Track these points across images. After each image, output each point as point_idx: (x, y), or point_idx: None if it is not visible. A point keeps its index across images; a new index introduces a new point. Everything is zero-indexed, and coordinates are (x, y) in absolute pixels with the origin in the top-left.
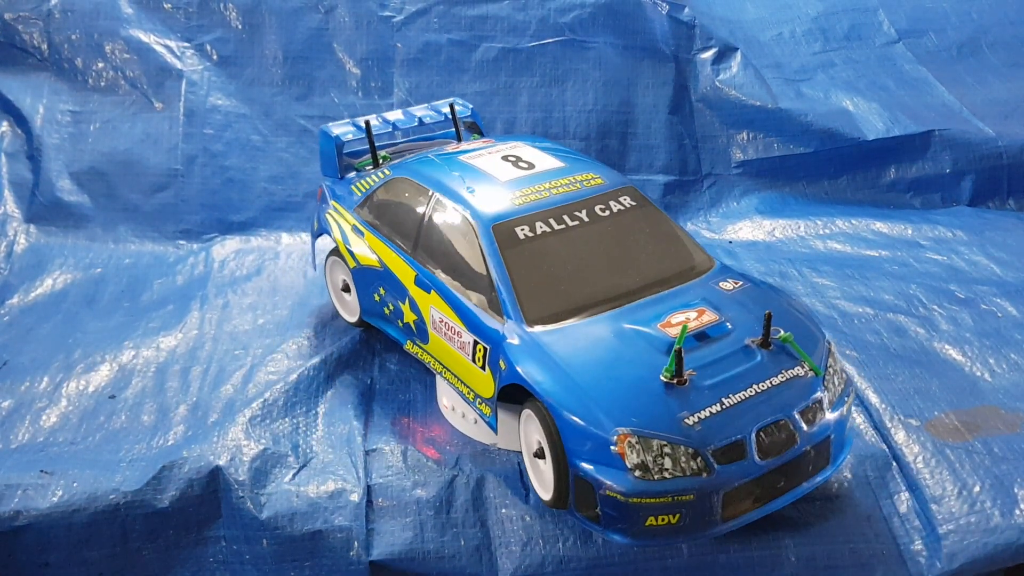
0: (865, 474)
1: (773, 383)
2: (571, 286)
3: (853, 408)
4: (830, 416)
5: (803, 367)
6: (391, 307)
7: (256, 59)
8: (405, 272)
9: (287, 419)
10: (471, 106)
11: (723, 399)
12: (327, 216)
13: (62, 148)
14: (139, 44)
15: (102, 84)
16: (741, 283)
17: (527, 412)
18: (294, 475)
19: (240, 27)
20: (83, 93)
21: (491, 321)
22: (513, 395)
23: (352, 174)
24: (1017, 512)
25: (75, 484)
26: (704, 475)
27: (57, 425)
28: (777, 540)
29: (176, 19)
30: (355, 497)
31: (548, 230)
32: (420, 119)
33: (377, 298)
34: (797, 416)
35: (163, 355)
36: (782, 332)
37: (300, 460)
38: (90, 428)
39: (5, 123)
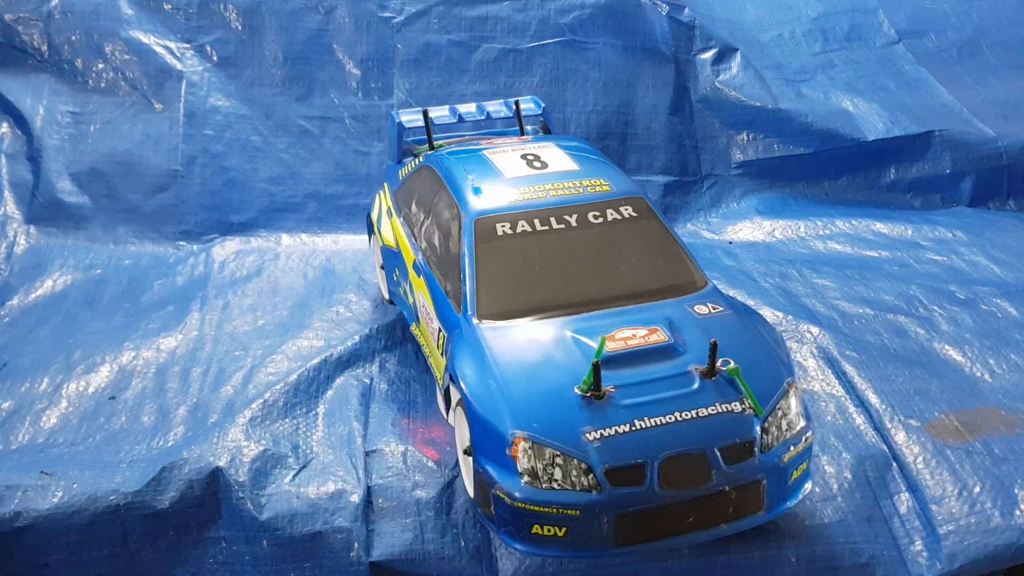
0: (865, 475)
1: (700, 414)
2: (532, 287)
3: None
4: (762, 460)
5: (744, 403)
6: (403, 288)
7: (256, 60)
8: (409, 256)
9: (287, 420)
10: (543, 105)
11: (636, 420)
12: (376, 196)
13: (62, 149)
14: (139, 45)
15: (102, 85)
16: (721, 309)
17: (458, 409)
18: (294, 476)
19: (240, 28)
20: (83, 94)
21: (453, 311)
22: None
23: (409, 159)
24: (1017, 513)
25: (75, 485)
26: (593, 493)
27: (57, 426)
28: (777, 541)
29: (176, 20)
30: (355, 498)
31: (529, 230)
32: (489, 113)
33: (395, 278)
34: (717, 452)
35: (163, 356)
36: (732, 364)
37: (300, 461)
38: (90, 429)
39: (5, 124)
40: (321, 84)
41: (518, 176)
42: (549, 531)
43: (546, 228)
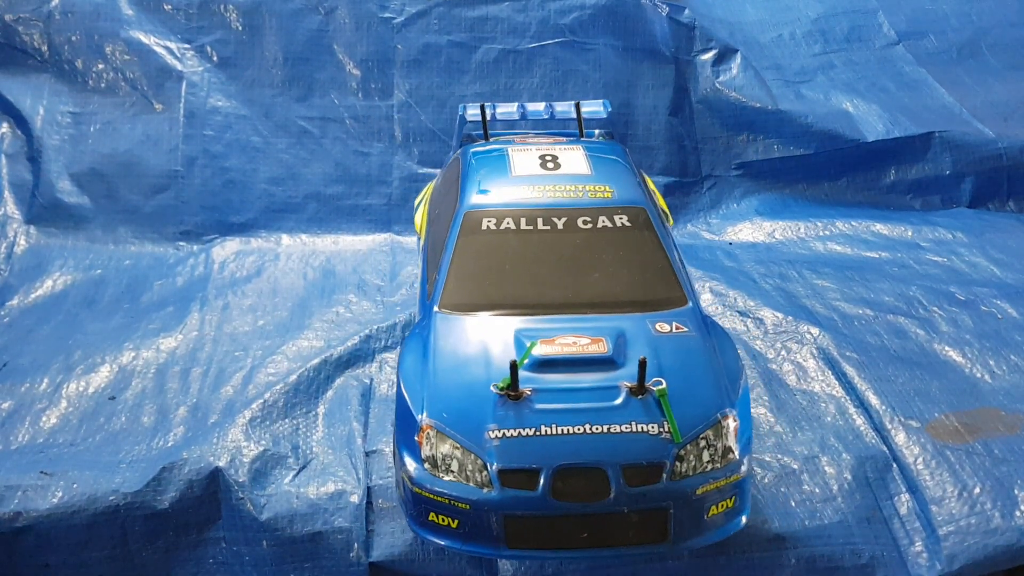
0: (865, 475)
1: (611, 430)
2: (499, 284)
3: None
4: (670, 487)
5: (664, 427)
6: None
7: (256, 60)
8: (422, 242)
9: (287, 420)
10: (610, 108)
11: (543, 426)
12: (428, 184)
13: (62, 149)
14: (139, 45)
15: (102, 85)
16: (685, 330)
17: None
18: (294, 476)
19: (240, 28)
20: (83, 94)
21: (427, 298)
22: None
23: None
24: (1017, 514)
25: (75, 485)
26: (484, 490)
27: (57, 426)
28: (777, 542)
29: (176, 20)
30: (355, 498)
31: (513, 228)
32: (554, 113)
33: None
34: (619, 470)
35: (163, 356)
36: (663, 385)
37: (300, 461)
38: (90, 429)
39: (5, 124)
40: (321, 84)
41: (525, 175)
42: (443, 521)
43: (531, 228)
